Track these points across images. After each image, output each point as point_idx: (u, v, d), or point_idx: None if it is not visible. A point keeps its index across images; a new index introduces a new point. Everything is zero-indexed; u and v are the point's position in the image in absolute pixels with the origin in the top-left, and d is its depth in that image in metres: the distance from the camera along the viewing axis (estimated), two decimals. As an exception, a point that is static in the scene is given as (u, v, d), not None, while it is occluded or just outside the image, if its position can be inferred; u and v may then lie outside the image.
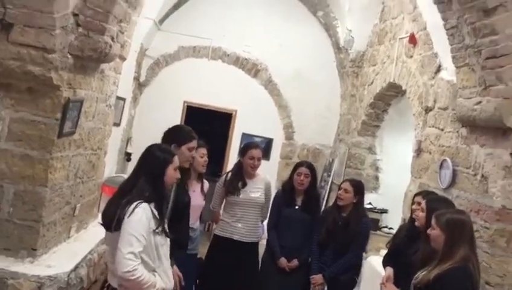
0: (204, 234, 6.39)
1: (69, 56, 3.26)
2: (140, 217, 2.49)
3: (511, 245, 3.04)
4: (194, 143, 3.26)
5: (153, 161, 2.68)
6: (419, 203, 3.43)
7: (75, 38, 3.24)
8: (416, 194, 3.66)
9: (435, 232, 2.67)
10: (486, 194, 3.23)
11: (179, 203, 3.22)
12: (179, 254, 3.19)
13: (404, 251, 3.48)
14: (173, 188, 3.15)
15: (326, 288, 4.07)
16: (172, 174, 2.72)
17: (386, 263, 3.74)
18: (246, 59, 7.88)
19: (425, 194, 3.50)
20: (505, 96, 3.00)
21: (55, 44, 3.06)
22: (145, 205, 2.53)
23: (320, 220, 4.24)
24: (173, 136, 3.23)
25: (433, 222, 2.70)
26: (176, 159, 2.77)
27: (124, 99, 6.35)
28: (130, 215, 2.48)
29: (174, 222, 3.11)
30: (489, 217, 3.13)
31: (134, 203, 2.51)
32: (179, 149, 3.14)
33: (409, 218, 3.71)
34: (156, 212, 2.59)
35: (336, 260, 4.08)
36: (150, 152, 2.73)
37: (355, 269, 4.17)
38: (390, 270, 3.60)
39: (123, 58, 4.60)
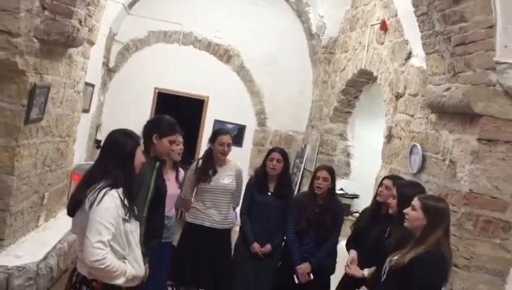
0: (177, 222, 6.36)
1: (35, 40, 3.16)
2: (109, 205, 2.47)
3: (478, 228, 3.12)
4: (175, 137, 3.26)
5: (122, 145, 2.64)
6: (387, 187, 3.48)
7: (41, 22, 3.15)
8: (385, 177, 3.71)
9: (415, 214, 2.69)
10: (454, 178, 3.30)
11: (158, 192, 3.19)
12: (153, 243, 3.16)
13: (367, 234, 3.54)
14: (153, 177, 3.12)
15: (311, 275, 4.07)
16: (140, 157, 2.70)
17: (349, 246, 3.81)
18: (217, 45, 7.80)
19: (395, 179, 3.54)
20: (473, 82, 3.05)
21: (20, 27, 2.96)
22: (113, 192, 2.51)
23: (295, 209, 4.22)
24: (156, 126, 3.20)
25: (416, 204, 2.70)
26: (141, 141, 2.77)
27: (93, 86, 6.22)
28: (98, 203, 2.45)
29: (151, 211, 3.09)
30: (457, 201, 3.20)
31: (103, 191, 2.48)
32: (160, 140, 3.13)
33: (372, 200, 3.77)
34: (125, 199, 2.56)
35: (319, 246, 4.09)
36: (115, 138, 2.68)
37: (335, 253, 4.23)
38: (354, 253, 3.67)
39: (91, 43, 4.50)
